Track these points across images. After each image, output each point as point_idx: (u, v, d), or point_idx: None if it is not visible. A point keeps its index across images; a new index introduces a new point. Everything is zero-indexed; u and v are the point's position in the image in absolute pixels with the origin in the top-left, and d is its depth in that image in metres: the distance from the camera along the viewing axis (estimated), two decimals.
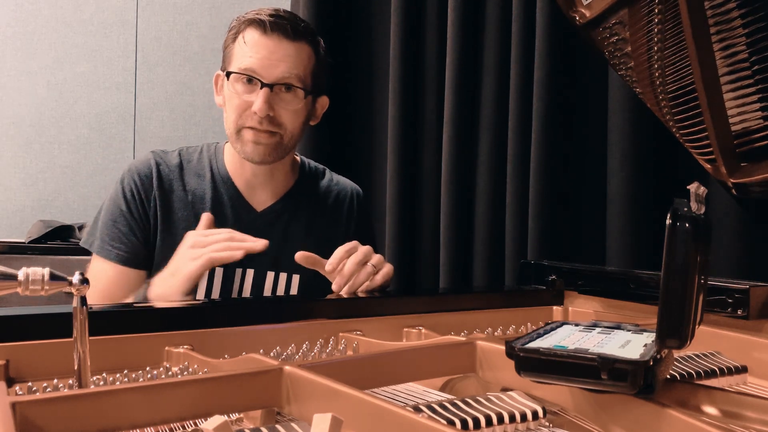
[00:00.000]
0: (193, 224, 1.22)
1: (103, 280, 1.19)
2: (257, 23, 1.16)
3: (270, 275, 1.26)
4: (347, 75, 1.97)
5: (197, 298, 1.22)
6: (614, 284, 1.11)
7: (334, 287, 1.02)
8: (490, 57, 1.66)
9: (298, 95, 1.19)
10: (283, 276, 1.27)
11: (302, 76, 1.18)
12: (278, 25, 1.16)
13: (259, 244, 1.04)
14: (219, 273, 1.23)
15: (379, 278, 1.05)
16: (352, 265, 1.03)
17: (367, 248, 1.06)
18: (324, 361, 0.73)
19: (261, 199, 1.29)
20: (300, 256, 1.06)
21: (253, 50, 1.16)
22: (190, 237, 1.07)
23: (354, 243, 1.07)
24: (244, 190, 1.27)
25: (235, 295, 1.25)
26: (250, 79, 1.16)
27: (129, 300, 1.17)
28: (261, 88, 1.15)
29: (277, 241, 1.27)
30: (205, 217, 1.11)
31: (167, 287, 1.04)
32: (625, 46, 1.16)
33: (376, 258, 1.06)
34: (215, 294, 1.23)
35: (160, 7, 2.59)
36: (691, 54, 0.99)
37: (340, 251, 1.05)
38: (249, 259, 1.24)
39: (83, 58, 2.56)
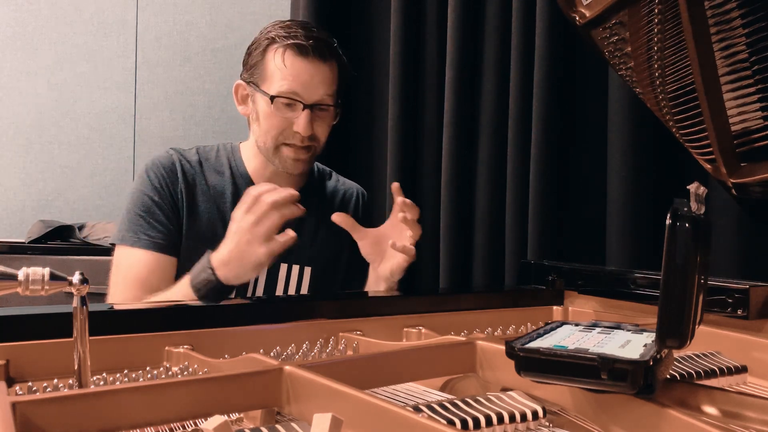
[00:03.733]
0: (215, 217, 1.26)
1: (142, 269, 1.20)
2: (297, 47, 1.22)
3: (283, 267, 1.31)
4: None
5: None
6: (614, 284, 1.11)
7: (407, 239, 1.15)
8: (490, 57, 1.66)
9: (331, 112, 1.28)
10: (295, 268, 1.32)
11: (335, 94, 1.28)
12: (316, 48, 1.22)
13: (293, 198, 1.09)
14: None
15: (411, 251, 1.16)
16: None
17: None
18: (324, 361, 0.73)
19: None
20: (337, 216, 1.15)
21: (293, 73, 1.22)
22: (238, 217, 1.07)
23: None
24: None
25: (250, 288, 1.28)
26: (293, 101, 1.23)
27: (162, 289, 1.17)
28: (303, 109, 1.22)
29: None
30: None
31: (236, 271, 1.06)
32: (625, 46, 1.16)
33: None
34: None
35: (160, 7, 2.59)
36: (691, 54, 0.99)
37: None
38: None
39: (83, 58, 2.56)
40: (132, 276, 1.18)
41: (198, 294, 1.06)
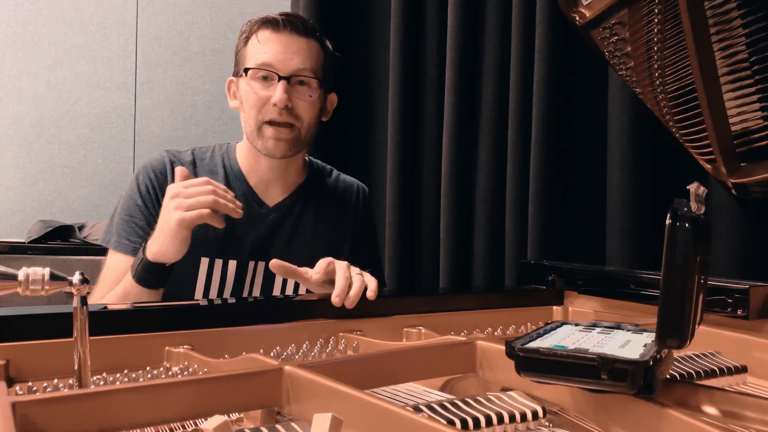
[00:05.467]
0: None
1: (119, 273, 1.19)
2: (269, 22, 1.22)
3: None
4: (347, 75, 1.97)
5: (210, 291, 1.24)
6: (614, 284, 1.11)
7: (334, 300, 0.97)
8: (490, 57, 1.66)
9: (312, 86, 1.24)
10: None
11: (315, 69, 1.24)
12: (289, 22, 1.22)
13: (237, 206, 1.08)
14: (232, 266, 1.25)
15: (370, 294, 1.00)
16: (342, 271, 1.00)
17: (344, 262, 1.04)
18: (324, 361, 0.73)
19: (272, 195, 1.32)
20: (274, 264, 1.04)
21: (267, 46, 1.21)
22: (170, 189, 1.07)
23: (329, 259, 1.04)
24: (257, 186, 1.31)
25: (247, 287, 1.27)
26: (266, 76, 1.21)
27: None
28: (279, 80, 1.20)
29: (287, 235, 1.30)
30: (179, 170, 1.11)
31: (158, 244, 1.06)
32: (625, 46, 1.16)
33: (357, 269, 1.04)
34: (228, 286, 1.25)
35: (160, 7, 2.59)
36: (691, 54, 0.99)
37: (322, 262, 1.03)
38: (261, 253, 1.27)
39: (83, 58, 2.56)
40: (111, 278, 1.18)
41: (135, 277, 1.07)
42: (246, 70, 1.22)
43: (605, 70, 1.46)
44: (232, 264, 1.25)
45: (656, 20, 1.05)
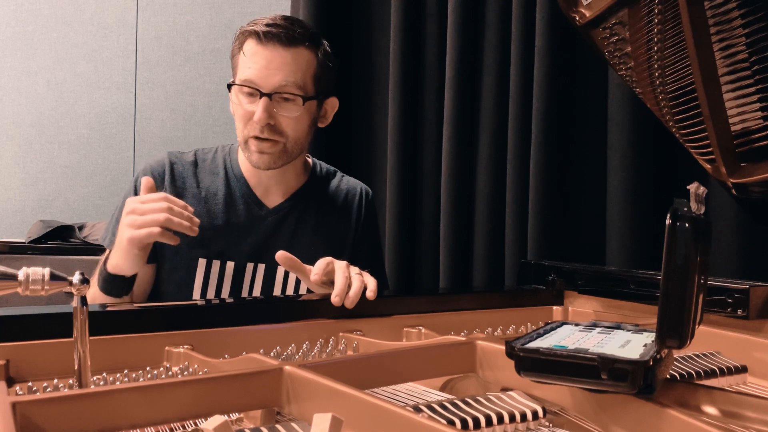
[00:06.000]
0: (205, 219, 1.23)
1: None
2: (254, 34, 1.19)
3: (280, 270, 1.28)
4: (347, 75, 1.97)
5: (207, 293, 1.24)
6: (614, 284, 1.12)
7: (333, 299, 0.98)
8: (490, 57, 1.66)
9: (297, 103, 1.21)
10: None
11: (300, 83, 1.20)
12: (272, 34, 1.18)
13: (194, 224, 1.05)
14: (230, 267, 1.25)
15: (370, 294, 1.01)
16: (341, 271, 1.00)
17: (343, 262, 1.04)
18: (324, 361, 0.73)
19: (272, 197, 1.32)
20: (280, 255, 1.05)
21: (252, 61, 1.19)
22: (127, 204, 1.06)
23: (328, 259, 1.05)
24: (257, 188, 1.31)
25: (246, 289, 1.27)
26: (250, 92, 1.19)
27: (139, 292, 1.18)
28: (260, 97, 1.18)
29: (287, 237, 1.30)
30: (144, 181, 1.09)
31: (115, 258, 1.06)
32: (625, 46, 1.16)
33: (356, 269, 1.04)
34: (226, 288, 1.25)
35: (160, 7, 2.59)
36: (691, 54, 0.99)
37: (321, 263, 1.03)
38: (260, 255, 1.27)
39: (83, 58, 2.56)
40: None
41: (98, 286, 1.09)
42: (229, 86, 1.22)
43: (605, 70, 1.46)
44: (230, 265, 1.25)
45: (656, 20, 1.05)
